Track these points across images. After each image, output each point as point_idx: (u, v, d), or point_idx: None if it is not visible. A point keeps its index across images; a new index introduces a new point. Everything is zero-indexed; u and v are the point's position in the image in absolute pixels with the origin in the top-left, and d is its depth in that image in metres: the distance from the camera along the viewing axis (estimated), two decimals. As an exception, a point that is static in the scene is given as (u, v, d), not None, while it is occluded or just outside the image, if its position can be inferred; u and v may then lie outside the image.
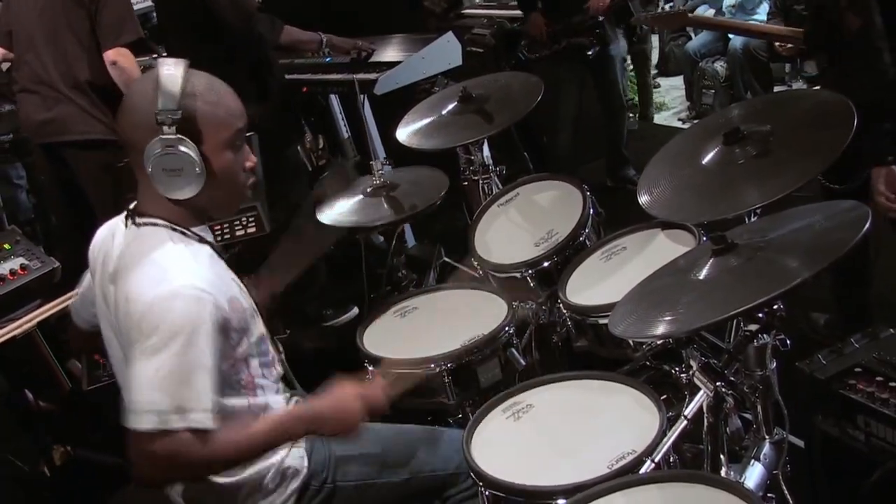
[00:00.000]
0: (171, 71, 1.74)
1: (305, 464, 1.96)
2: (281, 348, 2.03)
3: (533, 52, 4.80)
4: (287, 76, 4.32)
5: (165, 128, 1.71)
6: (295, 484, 1.94)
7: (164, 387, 1.64)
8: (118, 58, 3.51)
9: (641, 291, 1.87)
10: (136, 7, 3.90)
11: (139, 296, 1.69)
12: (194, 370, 1.66)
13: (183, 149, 1.72)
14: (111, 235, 1.89)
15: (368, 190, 2.91)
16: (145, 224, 1.81)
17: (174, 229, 1.80)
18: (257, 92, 3.64)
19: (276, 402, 1.94)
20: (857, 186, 2.57)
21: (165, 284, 1.68)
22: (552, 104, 4.68)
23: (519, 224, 2.79)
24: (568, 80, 4.82)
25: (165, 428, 1.63)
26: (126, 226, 1.85)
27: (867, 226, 1.52)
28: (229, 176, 1.82)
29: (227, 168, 1.81)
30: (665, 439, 1.79)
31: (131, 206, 1.86)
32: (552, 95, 4.61)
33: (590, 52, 4.70)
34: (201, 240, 1.84)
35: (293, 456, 1.94)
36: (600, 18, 4.65)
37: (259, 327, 1.90)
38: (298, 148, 4.77)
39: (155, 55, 4.15)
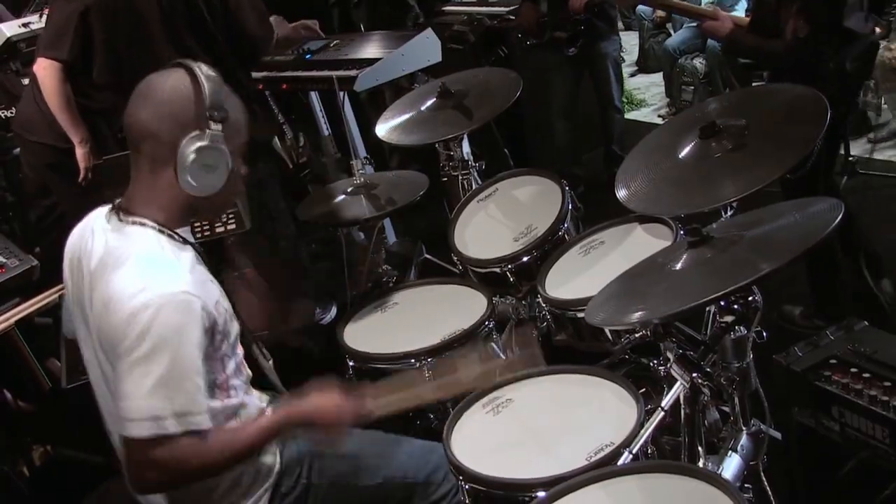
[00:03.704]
0: (212, 73, 1.77)
1: (278, 460, 1.95)
2: (243, 350, 2.02)
3: (524, 41, 4.78)
4: (267, 73, 4.30)
5: (213, 124, 1.73)
6: (269, 481, 1.93)
7: (160, 393, 1.64)
8: (38, 70, 3.53)
9: (618, 284, 1.89)
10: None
11: (126, 300, 1.67)
12: (188, 373, 1.67)
13: (224, 146, 1.75)
14: (88, 233, 1.85)
15: (349, 188, 2.91)
16: (133, 223, 1.79)
17: (161, 231, 1.79)
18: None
19: (251, 401, 1.93)
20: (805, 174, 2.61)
21: (154, 289, 1.67)
22: (543, 95, 4.69)
23: (498, 219, 2.80)
24: (556, 71, 4.83)
25: (164, 434, 1.64)
26: (108, 220, 1.83)
27: (838, 219, 1.54)
28: (234, 180, 1.84)
29: (236, 173, 1.83)
30: (642, 431, 1.80)
31: (118, 201, 1.84)
32: (543, 86, 4.60)
33: (570, 51, 4.68)
34: (185, 241, 1.84)
35: (267, 453, 1.93)
36: (582, 16, 4.66)
37: (236, 328, 1.89)
38: (278, 145, 4.76)
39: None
